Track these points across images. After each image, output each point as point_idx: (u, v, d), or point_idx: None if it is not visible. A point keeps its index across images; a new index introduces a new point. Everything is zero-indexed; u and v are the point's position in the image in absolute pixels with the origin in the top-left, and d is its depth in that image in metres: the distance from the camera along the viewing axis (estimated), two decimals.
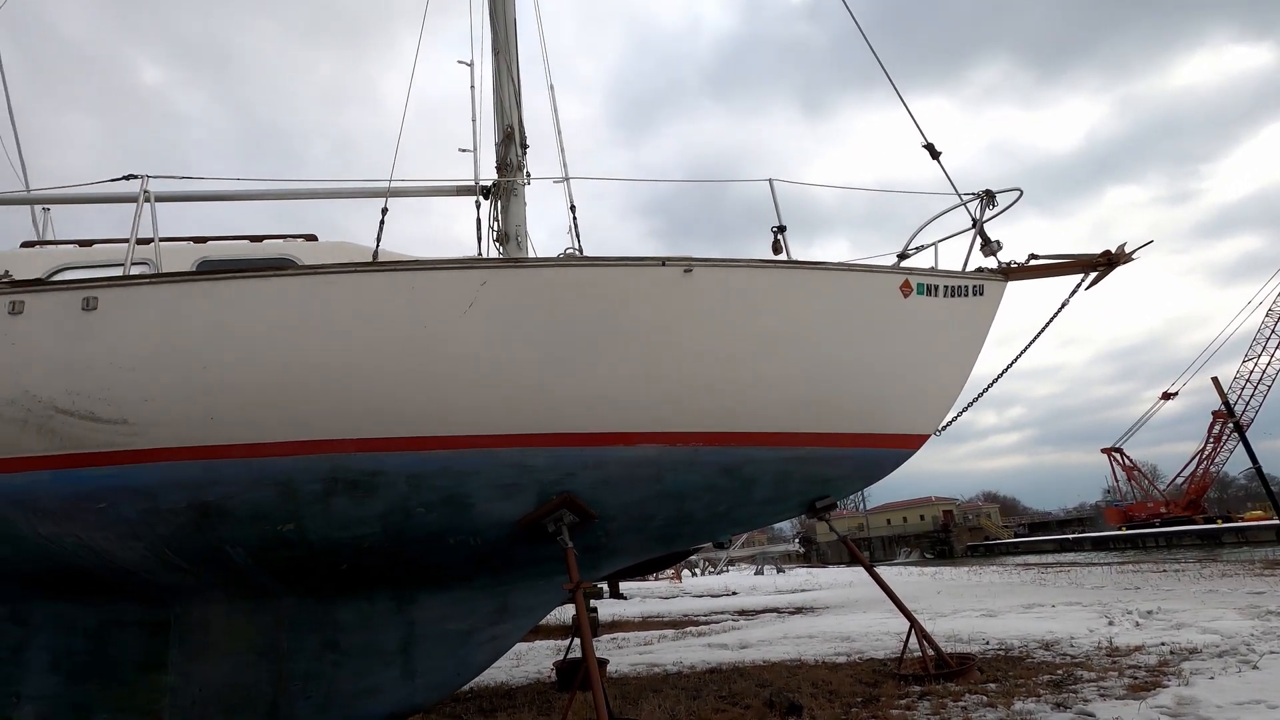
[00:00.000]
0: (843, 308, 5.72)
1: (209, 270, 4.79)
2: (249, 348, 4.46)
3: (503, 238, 6.73)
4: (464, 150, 5.77)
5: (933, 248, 6.65)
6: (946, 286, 6.18)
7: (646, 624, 13.53)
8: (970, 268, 6.49)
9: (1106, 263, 6.22)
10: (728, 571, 46.41)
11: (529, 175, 6.99)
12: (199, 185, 5.82)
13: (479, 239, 6.19)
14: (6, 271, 5.24)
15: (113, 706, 5.28)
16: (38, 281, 4.55)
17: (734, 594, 22.05)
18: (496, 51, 7.08)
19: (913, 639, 5.99)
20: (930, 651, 5.91)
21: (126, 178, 5.05)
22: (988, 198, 6.53)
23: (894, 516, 78.10)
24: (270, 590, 5.34)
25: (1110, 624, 8.22)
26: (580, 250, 5.86)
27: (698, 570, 45.04)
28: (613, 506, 5.26)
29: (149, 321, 4.41)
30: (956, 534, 68.17)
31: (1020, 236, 12.53)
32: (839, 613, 12.81)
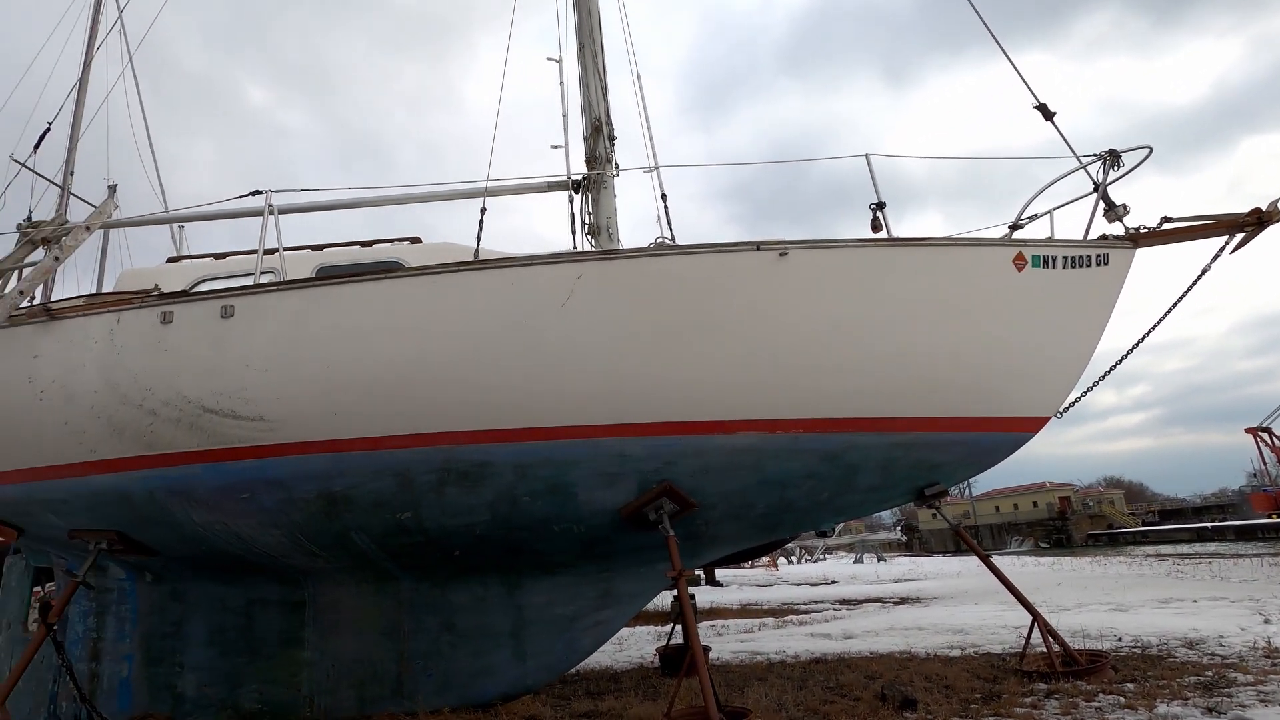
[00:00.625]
0: (950, 285, 5.42)
1: (327, 275, 5.12)
2: (365, 347, 4.73)
3: (594, 230, 6.80)
4: (555, 147, 5.85)
5: (1047, 216, 6.20)
6: (1066, 257, 5.74)
7: (745, 611, 13.46)
8: (1093, 235, 6.00)
9: (1256, 222, 5.58)
10: (824, 559, 45.44)
11: (618, 167, 7.04)
12: (313, 195, 6.21)
13: (573, 233, 6.28)
14: (156, 285, 5.81)
15: (260, 678, 5.79)
16: (183, 293, 5.01)
17: (833, 583, 21.56)
18: (581, 46, 7.14)
19: (1035, 633, 5.65)
20: (1056, 647, 5.55)
21: (253, 193, 5.47)
22: (1111, 158, 6.01)
23: (1003, 503, 73.60)
24: (391, 574, 5.69)
25: (1267, 622, 7.43)
26: (672, 239, 5.84)
27: (794, 558, 44.34)
28: (713, 495, 5.25)
29: (277, 325, 4.76)
30: (1075, 522, 63.55)
31: (1142, 198, 11.37)
32: (948, 604, 12.27)
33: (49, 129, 7.80)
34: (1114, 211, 5.97)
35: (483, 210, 5.61)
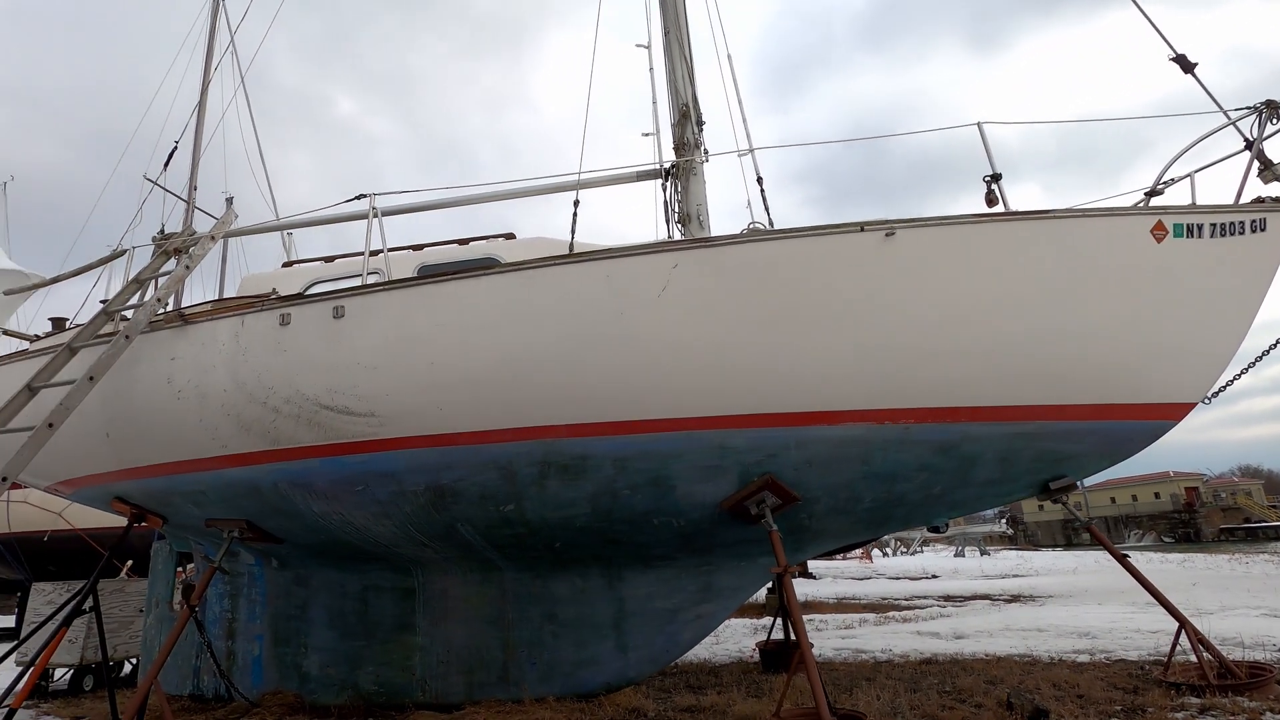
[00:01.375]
0: (1079, 260, 4.96)
1: (428, 274, 5.25)
2: (466, 342, 4.81)
3: (684, 219, 6.68)
4: (646, 134, 5.76)
5: (1187, 180, 5.57)
6: (1215, 224, 5.15)
7: (842, 606, 13.06)
8: (1245, 199, 5.35)
9: None
10: (922, 552, 43.67)
11: (707, 153, 6.88)
12: (412, 197, 6.40)
13: (667, 221, 6.19)
14: (274, 289, 6.15)
15: (377, 660, 6.07)
16: (298, 296, 5.26)
17: (934, 577, 20.63)
18: (666, 31, 7.02)
19: (1179, 640, 5.13)
20: (1209, 657, 5.02)
21: (357, 197, 5.67)
22: (1269, 110, 5.33)
23: (1120, 494, 68.05)
24: (495, 564, 5.81)
25: None
26: (771, 224, 5.63)
27: (888, 550, 42.85)
28: (817, 488, 5.05)
29: (384, 324, 4.91)
30: (1205, 515, 58.29)
31: None
32: (1067, 603, 11.45)
33: (176, 147, 8.39)
34: (1271, 170, 5.30)
35: (576, 203, 5.60)
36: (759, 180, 5.61)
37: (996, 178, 5.18)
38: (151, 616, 7.18)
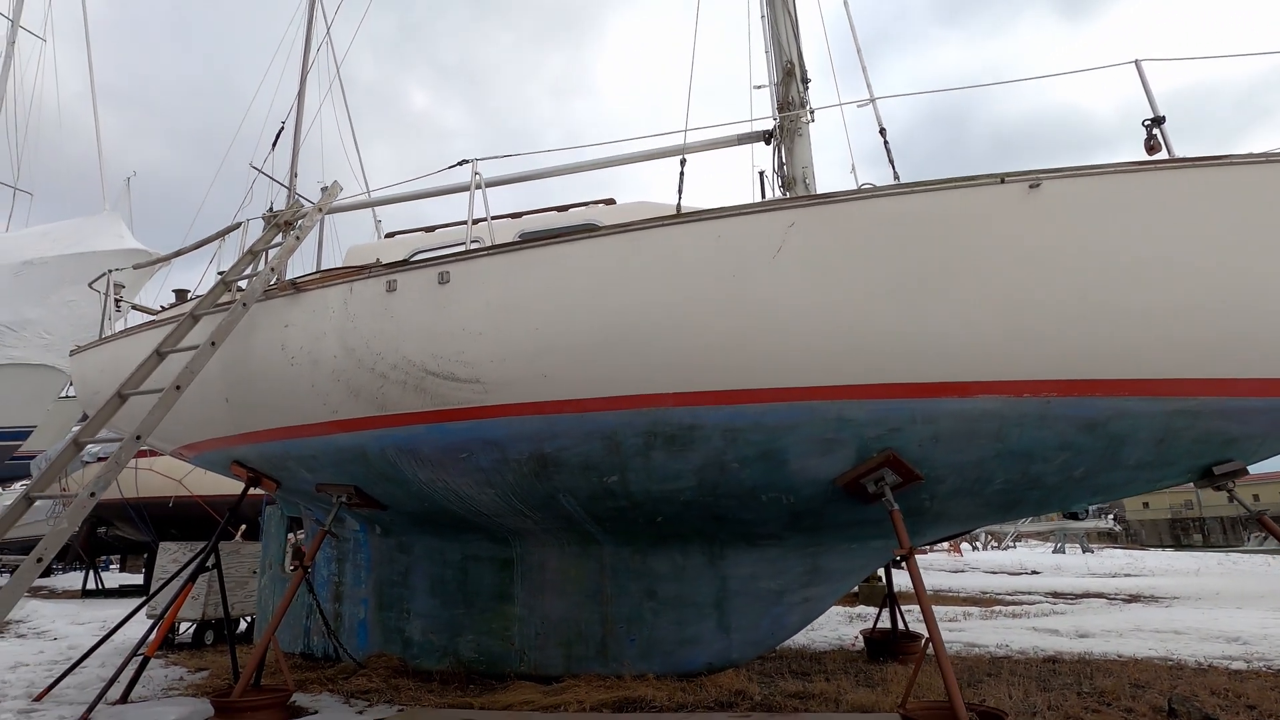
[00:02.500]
0: (1255, 215, 4.33)
1: (530, 238, 5.14)
2: (570, 308, 4.67)
3: (789, 183, 6.33)
4: (759, 87, 5.44)
5: None
6: None
7: (939, 598, 12.42)
8: None
9: None
10: (1014, 547, 41.43)
11: (813, 112, 6.49)
12: (514, 164, 6.31)
13: (774, 185, 5.86)
14: (378, 258, 6.22)
15: (476, 629, 6.11)
16: (403, 262, 5.26)
17: (1035, 573, 19.43)
18: None
19: None
20: None
21: (460, 163, 5.63)
22: None
23: (1241, 491, 62.41)
24: (594, 538, 5.71)
25: None
26: (895, 178, 5.21)
27: (978, 544, 40.91)
28: (943, 466, 4.65)
29: (488, 290, 4.83)
30: None
31: None
32: (1199, 606, 10.45)
33: (282, 128, 8.65)
34: None
35: (683, 161, 5.36)
36: (881, 131, 5.18)
37: (1159, 121, 4.58)
38: (266, 578, 7.51)
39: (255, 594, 7.89)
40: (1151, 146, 4.57)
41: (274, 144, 8.73)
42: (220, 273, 6.02)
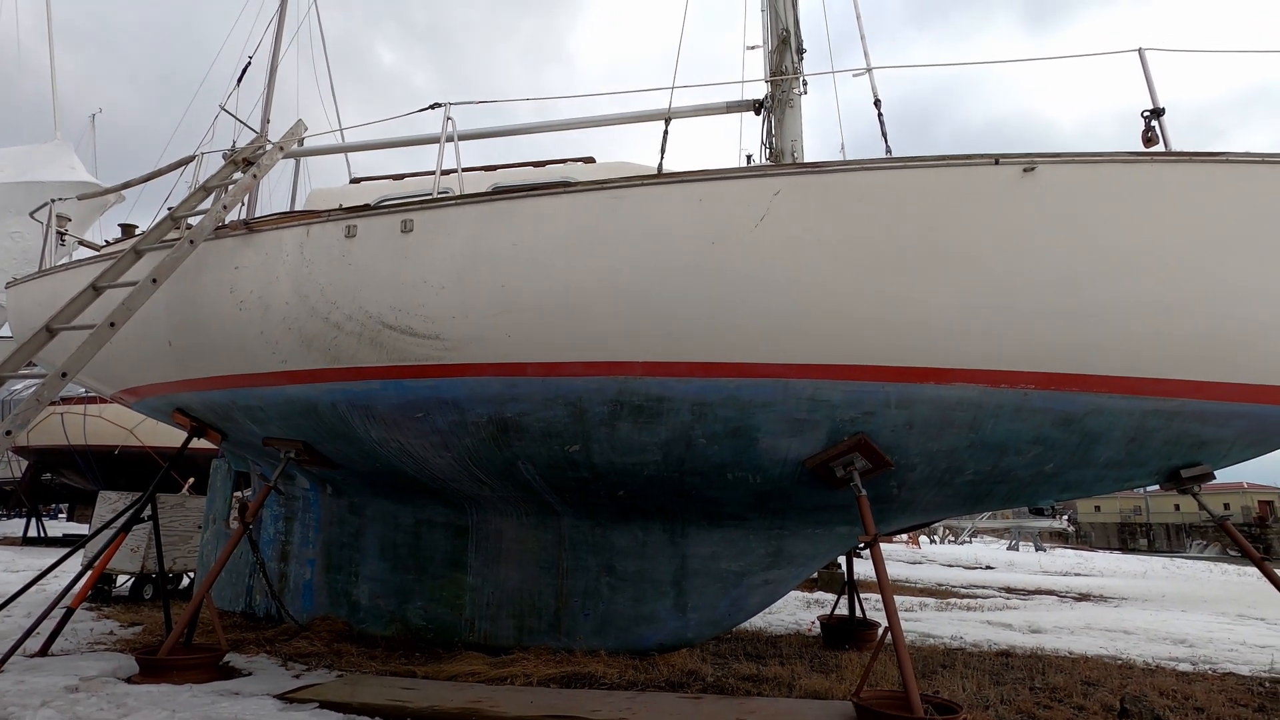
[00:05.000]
0: (1249, 214, 4.24)
1: (503, 191, 4.87)
2: (541, 266, 4.43)
3: (778, 155, 6.12)
4: (752, 47, 5.19)
5: None
6: None
7: (897, 588, 12.53)
8: None
9: None
10: (970, 542, 42.36)
11: (805, 84, 6.26)
12: (490, 113, 5.99)
13: (766, 157, 5.63)
14: (340, 204, 5.88)
15: (426, 596, 5.91)
16: (365, 207, 4.95)
17: (989, 568, 19.81)
18: None
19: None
20: None
21: (432, 106, 5.30)
22: None
23: (1186, 501, 64.44)
24: (554, 509, 5.52)
25: None
26: (889, 152, 5.02)
27: (936, 537, 41.76)
28: (915, 454, 4.54)
29: (455, 242, 4.56)
30: (1278, 532, 54.84)
31: None
32: (1146, 607, 10.67)
33: (249, 63, 8.16)
34: None
35: (667, 122, 5.10)
36: (876, 103, 4.98)
37: (1158, 113, 4.45)
38: (208, 532, 7.21)
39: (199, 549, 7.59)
40: (1149, 138, 4.44)
41: (238, 80, 8.23)
42: (170, 208, 5.64)
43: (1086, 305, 4.21)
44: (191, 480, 11.46)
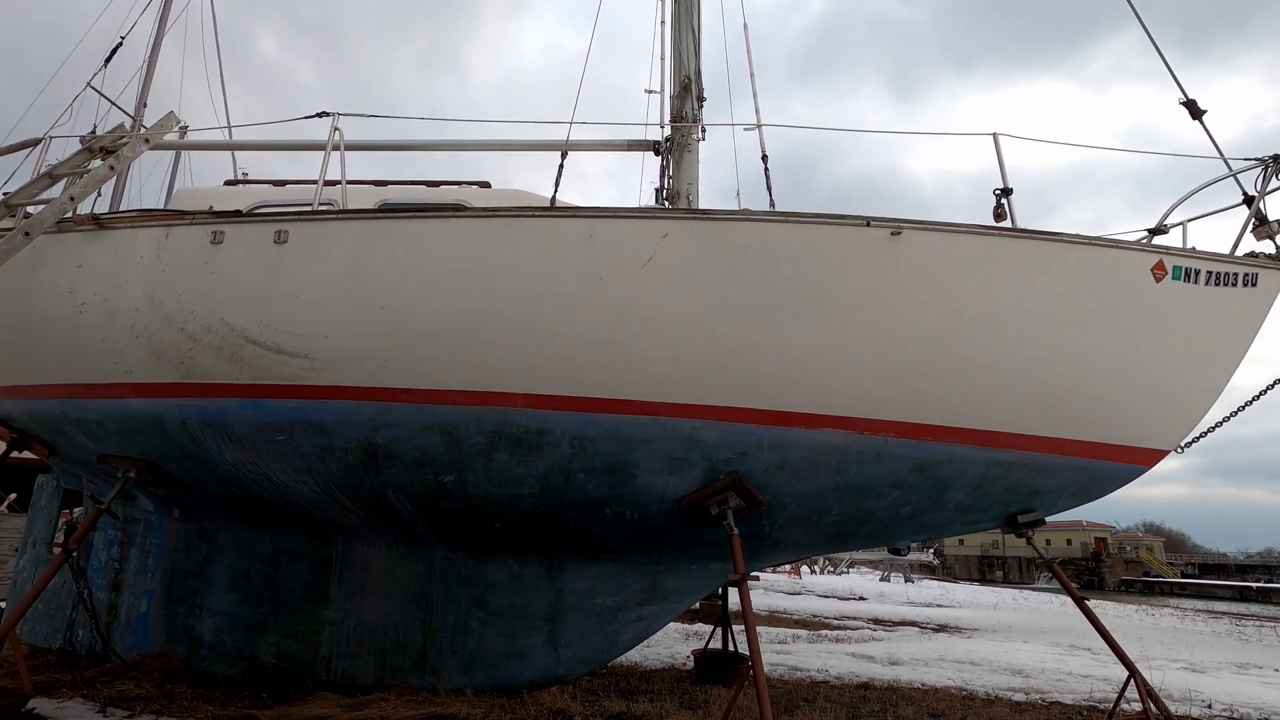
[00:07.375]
0: (1079, 289, 4.77)
1: (390, 209, 4.71)
2: (424, 290, 4.31)
3: (673, 196, 6.29)
4: (651, 91, 5.34)
5: (1180, 227, 5.49)
6: (1211, 272, 5.03)
7: (774, 619, 12.89)
8: (1240, 252, 5.27)
9: None
10: (848, 573, 44.41)
11: (704, 130, 6.51)
12: (382, 126, 5.82)
13: (658, 196, 5.77)
14: (211, 206, 5.49)
15: (280, 631, 5.48)
16: (235, 213, 4.65)
17: (862, 599, 20.80)
18: None
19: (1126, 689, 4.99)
20: (1155, 710, 4.89)
21: (320, 115, 5.08)
22: (1275, 165, 5.25)
23: (1035, 537, 70.85)
24: (426, 540, 5.30)
25: None
26: (773, 205, 5.27)
27: (816, 567, 43.46)
28: (785, 494, 4.72)
29: (333, 257, 4.37)
30: (1109, 565, 61.17)
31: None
32: (994, 638, 11.52)
33: (121, 42, 7.57)
34: (1266, 228, 5.23)
35: (563, 155, 5.13)
36: (764, 158, 5.25)
37: (1007, 192, 4.94)
38: (26, 557, 6.40)
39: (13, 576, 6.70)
40: (999, 214, 4.92)
41: (106, 61, 7.55)
42: (4, 194, 5.06)
43: (942, 361, 4.57)
44: (13, 496, 10.13)
